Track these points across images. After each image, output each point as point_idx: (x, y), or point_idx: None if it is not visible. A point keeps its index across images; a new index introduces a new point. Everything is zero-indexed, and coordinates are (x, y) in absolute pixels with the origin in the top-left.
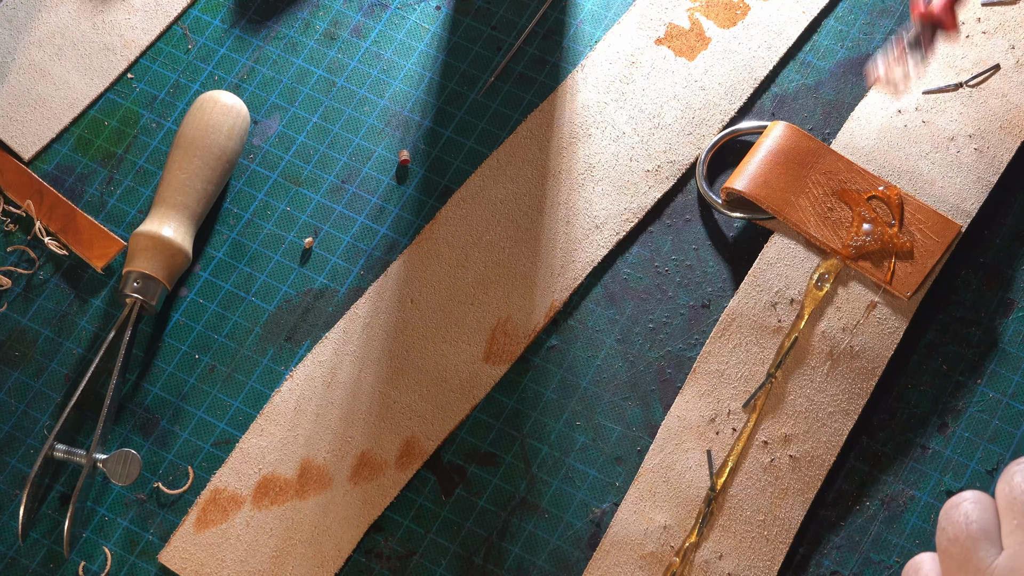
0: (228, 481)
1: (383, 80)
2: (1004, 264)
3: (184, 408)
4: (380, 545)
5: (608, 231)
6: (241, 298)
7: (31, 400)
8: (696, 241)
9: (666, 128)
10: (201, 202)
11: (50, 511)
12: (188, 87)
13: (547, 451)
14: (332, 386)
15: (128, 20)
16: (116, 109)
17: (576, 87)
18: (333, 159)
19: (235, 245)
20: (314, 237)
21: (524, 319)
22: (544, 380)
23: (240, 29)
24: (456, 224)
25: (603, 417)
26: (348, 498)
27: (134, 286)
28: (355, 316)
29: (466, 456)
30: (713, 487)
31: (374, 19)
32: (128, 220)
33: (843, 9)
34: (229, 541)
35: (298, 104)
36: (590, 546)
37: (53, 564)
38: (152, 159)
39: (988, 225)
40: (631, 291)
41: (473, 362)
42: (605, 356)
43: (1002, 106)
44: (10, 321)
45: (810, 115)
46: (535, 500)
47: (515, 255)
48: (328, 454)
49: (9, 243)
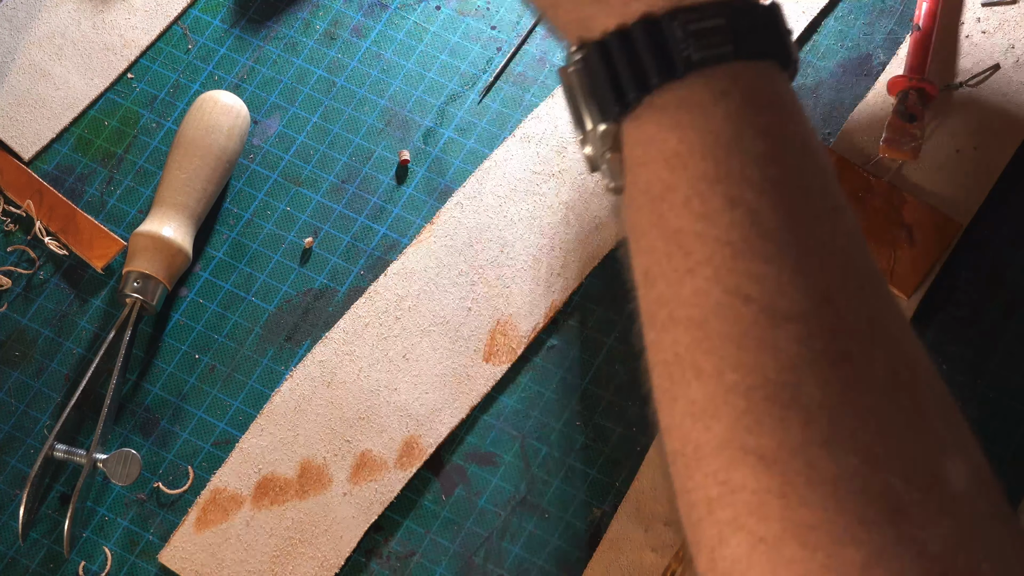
0: (228, 481)
1: (383, 80)
2: (1004, 264)
3: (184, 408)
4: (380, 545)
5: (608, 231)
6: (241, 298)
7: (31, 400)
8: None
9: None
10: (201, 202)
11: (50, 511)
12: (188, 87)
13: (547, 451)
14: (332, 386)
15: (128, 20)
16: (116, 109)
17: None
18: (333, 159)
19: (235, 245)
20: (314, 237)
21: (524, 319)
22: (544, 380)
23: (240, 29)
24: (456, 224)
25: (603, 417)
26: (348, 498)
27: (134, 286)
28: (355, 316)
29: (466, 456)
30: None
31: (374, 19)
32: (128, 220)
33: (843, 9)
34: (229, 541)
35: (298, 104)
36: (590, 546)
37: (53, 564)
38: (152, 159)
39: (988, 225)
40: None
41: (473, 362)
42: (605, 356)
43: (1002, 106)
44: (10, 321)
45: (810, 115)
46: (535, 500)
47: (515, 255)
48: (328, 454)
49: (9, 243)
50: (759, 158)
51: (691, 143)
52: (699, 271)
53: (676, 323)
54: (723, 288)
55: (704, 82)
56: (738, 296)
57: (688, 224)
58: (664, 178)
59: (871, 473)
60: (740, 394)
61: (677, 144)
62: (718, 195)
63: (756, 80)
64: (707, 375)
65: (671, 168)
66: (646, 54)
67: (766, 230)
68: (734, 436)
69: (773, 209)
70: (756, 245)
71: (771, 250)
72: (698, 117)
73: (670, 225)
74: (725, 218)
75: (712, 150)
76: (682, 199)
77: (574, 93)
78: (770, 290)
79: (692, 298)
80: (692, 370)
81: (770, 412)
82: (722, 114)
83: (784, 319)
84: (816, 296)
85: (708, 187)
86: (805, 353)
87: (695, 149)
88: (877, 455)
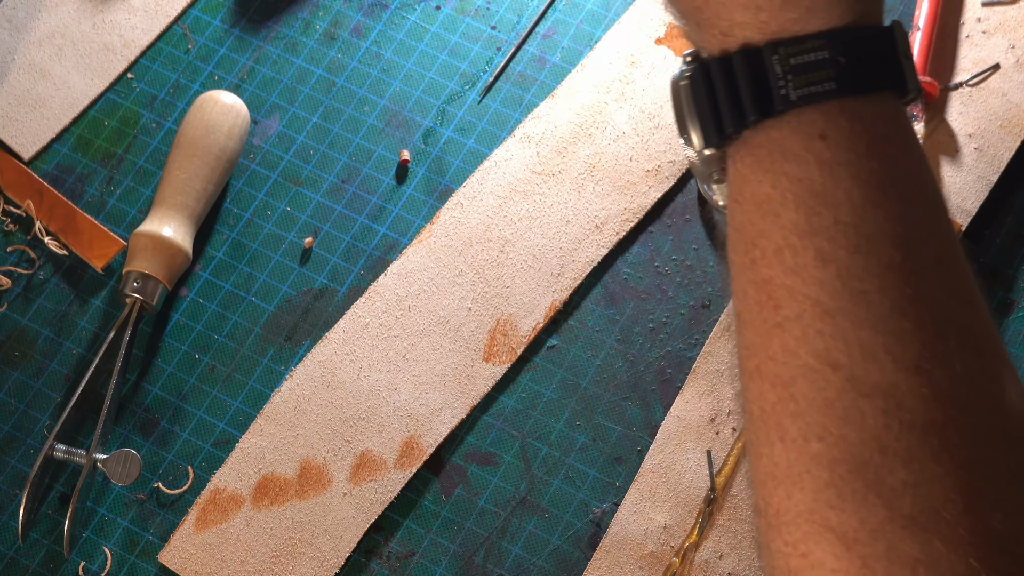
0: (228, 481)
1: (383, 80)
2: (1004, 264)
3: (184, 408)
4: (380, 545)
5: (608, 231)
6: (241, 298)
7: (31, 400)
8: (696, 241)
9: (666, 128)
10: (201, 202)
11: (50, 511)
12: (188, 87)
13: (547, 451)
14: (332, 386)
15: (128, 20)
16: (116, 109)
17: (576, 87)
18: (333, 159)
19: (235, 245)
20: (314, 237)
21: (524, 319)
22: (544, 380)
23: (240, 29)
24: (456, 224)
25: (603, 417)
26: (348, 498)
27: (134, 286)
28: (355, 316)
29: (466, 456)
30: (713, 487)
31: (374, 19)
32: (128, 220)
33: None
34: (229, 541)
35: (298, 104)
36: (590, 546)
37: (53, 564)
38: (152, 159)
39: (988, 225)
40: (631, 291)
41: (473, 362)
42: (605, 356)
43: (1002, 105)
44: (10, 321)
45: None
46: (535, 500)
47: (515, 255)
48: (328, 454)
49: (9, 243)
50: (855, 210)
51: (784, 191)
52: (788, 328)
53: (763, 377)
54: (811, 350)
55: (801, 123)
56: (826, 361)
57: (779, 276)
58: (756, 223)
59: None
60: (823, 465)
61: (770, 190)
62: (809, 250)
63: (860, 119)
64: (791, 439)
65: (763, 214)
66: (745, 87)
67: (857, 291)
68: (815, 508)
69: (866, 268)
70: (846, 307)
71: (862, 314)
72: (792, 164)
73: (761, 273)
74: (816, 275)
75: (805, 201)
76: (774, 249)
77: (681, 108)
78: (858, 357)
79: (780, 355)
80: (777, 431)
81: (853, 488)
82: (817, 161)
83: (872, 390)
84: (907, 365)
85: (799, 240)
86: (893, 427)
87: (787, 198)
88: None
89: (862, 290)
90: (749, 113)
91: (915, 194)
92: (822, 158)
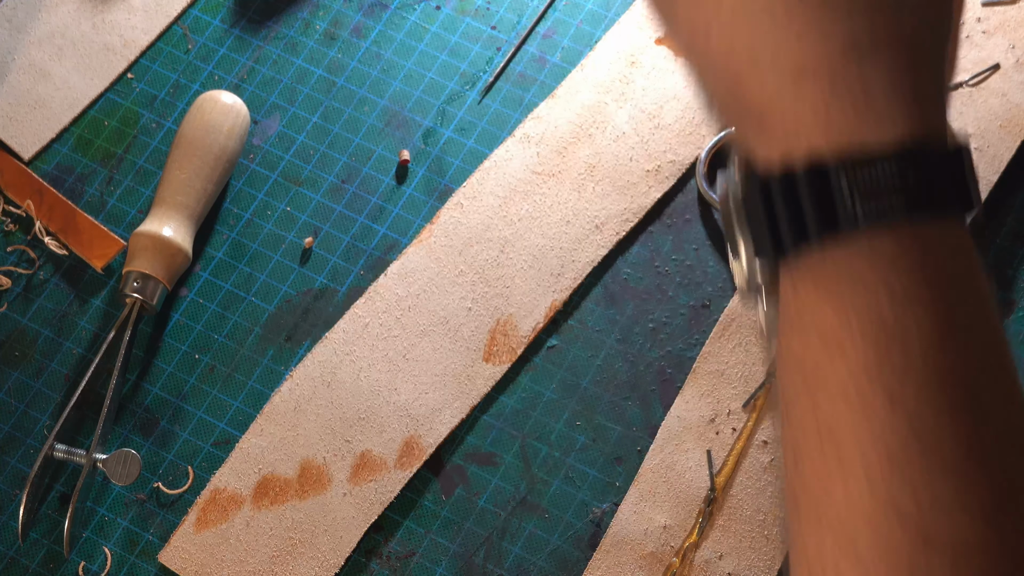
0: (228, 481)
1: (383, 80)
2: (1004, 264)
3: (184, 408)
4: (380, 545)
5: (608, 231)
6: (241, 298)
7: (31, 400)
8: (696, 241)
9: (666, 128)
10: (201, 202)
11: (50, 511)
12: (188, 87)
13: (547, 451)
14: (332, 386)
15: (128, 20)
16: (116, 109)
17: (576, 87)
18: (333, 159)
19: (235, 245)
20: (314, 237)
21: (524, 319)
22: (544, 380)
23: (240, 29)
24: (456, 224)
25: (603, 417)
26: (348, 498)
27: (134, 286)
28: (355, 316)
29: (466, 456)
30: (713, 487)
31: (374, 19)
32: (128, 220)
33: None
34: (229, 541)
35: (298, 104)
36: (590, 546)
37: (53, 564)
38: (152, 159)
39: (988, 225)
40: (631, 291)
41: (473, 362)
42: (605, 356)
43: (1002, 106)
44: (10, 321)
45: None
46: (535, 500)
47: (515, 255)
48: (328, 454)
49: (9, 243)
50: (926, 348)
51: (851, 326)
52: (852, 473)
53: (821, 522)
54: (877, 499)
55: (869, 247)
56: (893, 511)
57: (844, 417)
58: (819, 360)
59: None
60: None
61: (835, 322)
62: (878, 393)
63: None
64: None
65: (828, 351)
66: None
67: (926, 438)
68: None
69: (936, 414)
70: (914, 456)
71: (930, 462)
72: (860, 295)
73: (823, 412)
74: (884, 420)
75: (875, 338)
76: (838, 388)
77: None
78: (926, 509)
79: (843, 502)
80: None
81: None
82: (889, 292)
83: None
84: (978, 517)
85: (868, 381)
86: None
87: (855, 334)
88: None
89: (931, 437)
90: (812, 229)
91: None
92: (893, 290)
